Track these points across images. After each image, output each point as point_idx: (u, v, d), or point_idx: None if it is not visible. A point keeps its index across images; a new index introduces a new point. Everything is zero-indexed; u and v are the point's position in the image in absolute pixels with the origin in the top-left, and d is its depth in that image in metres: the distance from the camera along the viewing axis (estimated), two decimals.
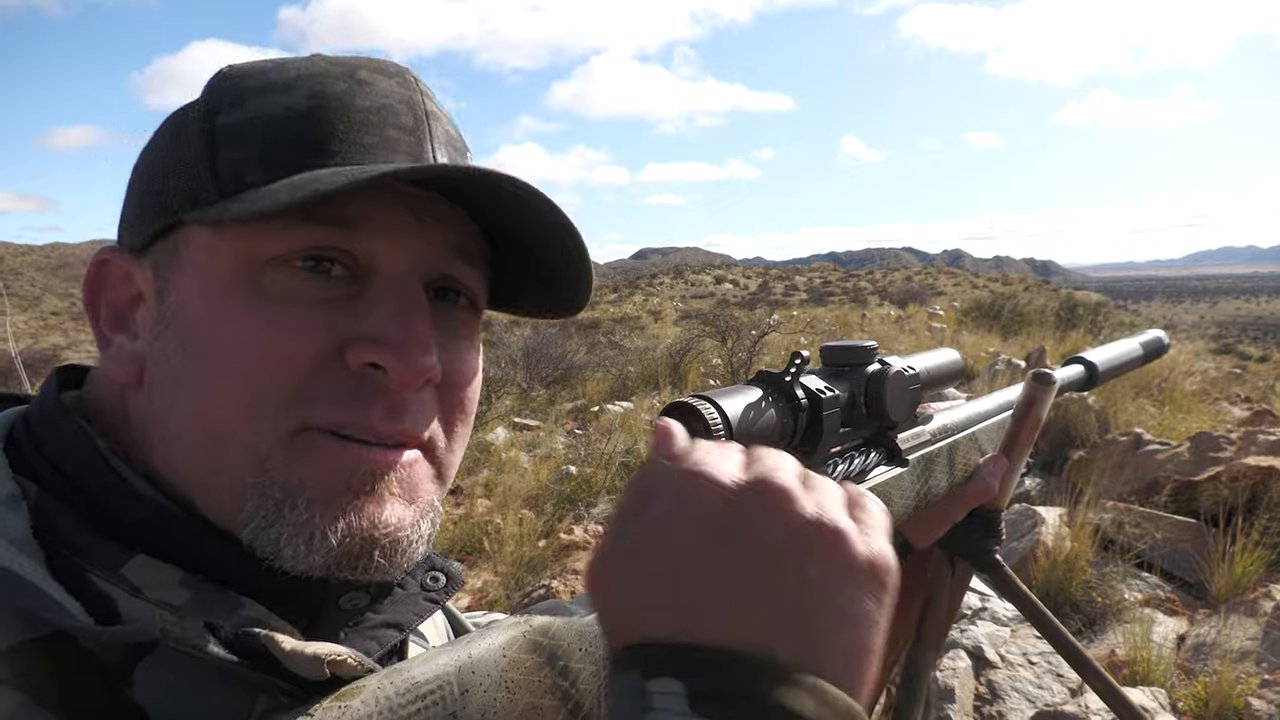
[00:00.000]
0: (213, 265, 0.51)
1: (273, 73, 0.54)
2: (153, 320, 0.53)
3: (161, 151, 0.55)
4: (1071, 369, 1.08)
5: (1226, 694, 2.94)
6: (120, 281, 0.56)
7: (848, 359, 0.75)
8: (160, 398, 0.52)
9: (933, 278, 44.46)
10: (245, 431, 0.50)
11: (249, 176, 0.50)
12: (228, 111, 0.52)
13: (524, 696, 0.49)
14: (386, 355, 0.51)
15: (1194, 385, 7.39)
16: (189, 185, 0.51)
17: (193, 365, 0.50)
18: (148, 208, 0.54)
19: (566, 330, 15.14)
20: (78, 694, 0.43)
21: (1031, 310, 16.17)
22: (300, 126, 0.51)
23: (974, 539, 0.94)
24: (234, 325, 0.50)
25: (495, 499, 6.20)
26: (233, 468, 0.50)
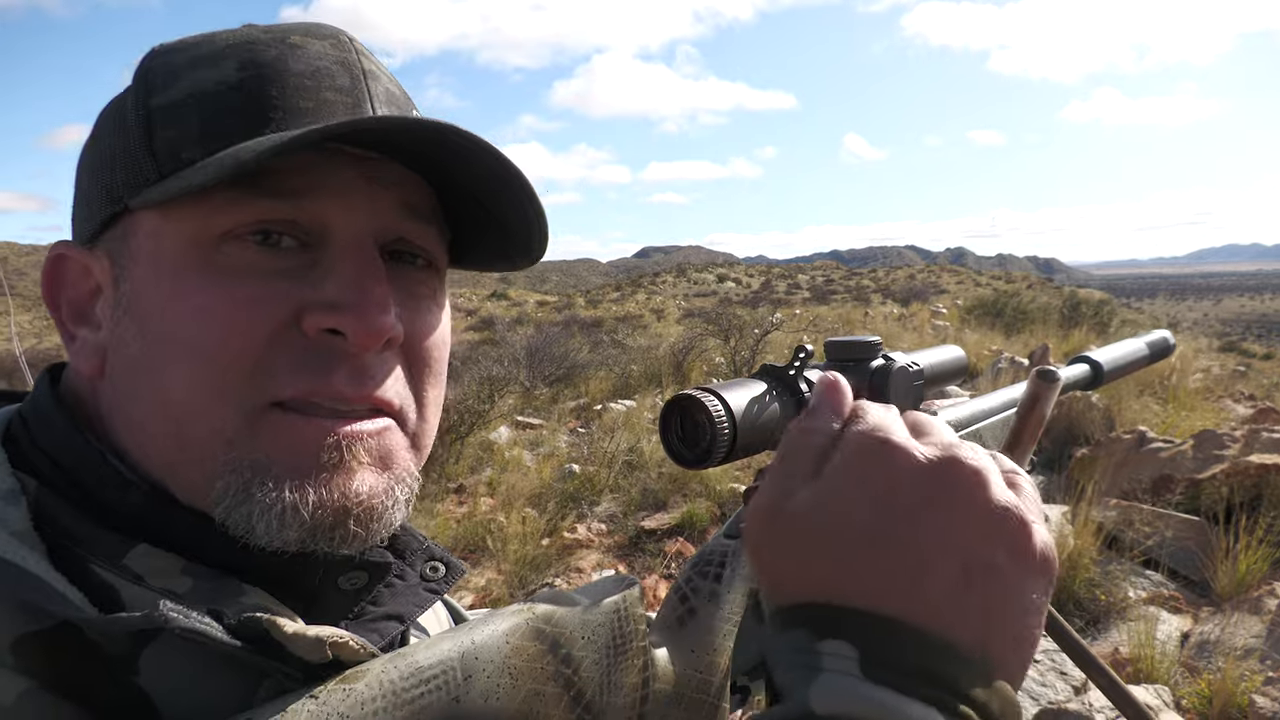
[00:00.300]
0: (162, 248, 0.51)
1: (202, 46, 0.53)
2: (110, 310, 0.53)
3: (104, 141, 0.54)
4: (1076, 368, 1.08)
5: (1230, 692, 2.94)
6: (79, 276, 0.56)
7: (852, 354, 0.75)
8: (122, 385, 0.52)
9: (936, 276, 44.40)
10: (209, 411, 0.49)
11: (185, 154, 0.50)
12: (161, 91, 0.52)
13: (526, 683, 0.49)
14: (343, 319, 0.50)
15: (1198, 383, 7.38)
16: (131, 171, 0.51)
17: (152, 350, 0.50)
18: (95, 199, 0.54)
19: (569, 329, 15.13)
20: (84, 682, 0.43)
21: (1034, 308, 16.15)
22: (233, 98, 0.51)
23: None
24: (188, 305, 0.49)
25: (498, 498, 6.21)
26: (200, 448, 0.50)
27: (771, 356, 10.11)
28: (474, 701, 0.47)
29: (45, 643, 0.43)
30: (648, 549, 5.27)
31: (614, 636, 0.54)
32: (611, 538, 5.53)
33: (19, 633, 0.43)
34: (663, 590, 4.48)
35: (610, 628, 0.54)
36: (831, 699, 0.35)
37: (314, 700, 0.43)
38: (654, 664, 0.56)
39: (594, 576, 4.92)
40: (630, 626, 0.55)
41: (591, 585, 0.57)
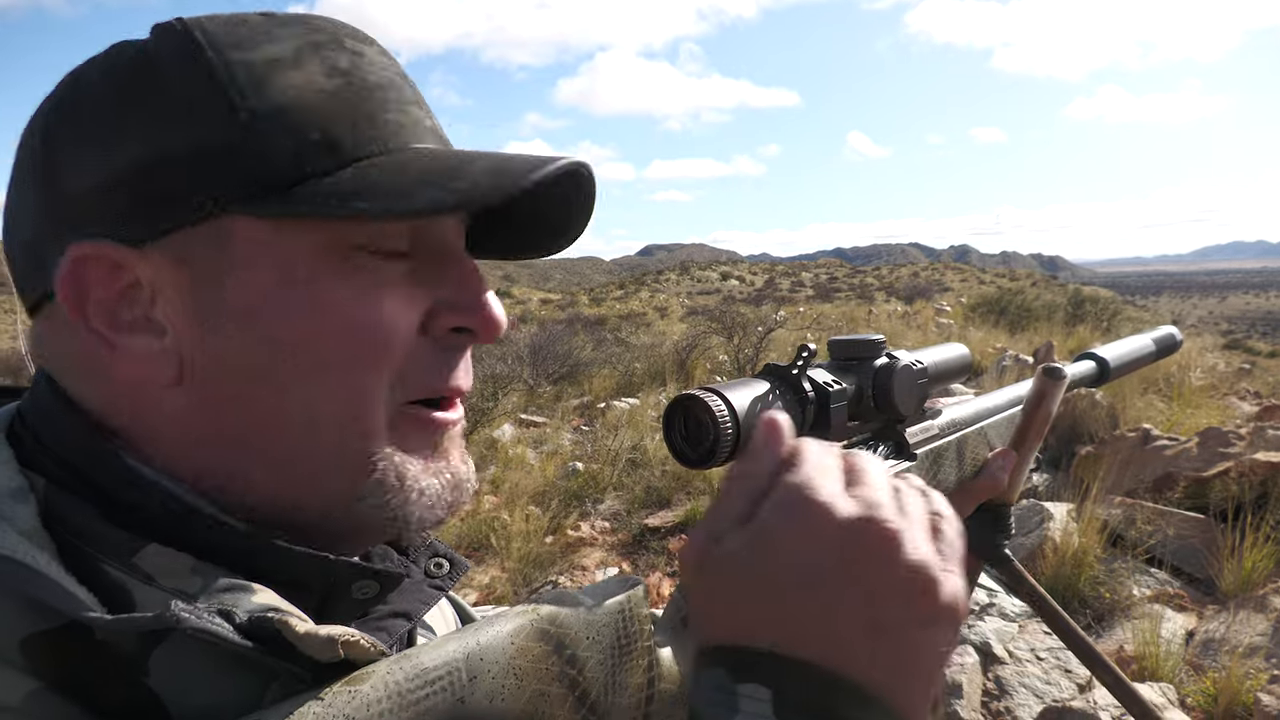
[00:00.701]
0: (294, 257, 0.51)
1: (264, 42, 0.51)
2: (192, 315, 0.51)
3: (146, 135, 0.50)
4: (1082, 365, 1.07)
5: (1235, 690, 2.94)
6: (107, 276, 0.51)
7: (855, 353, 0.75)
8: (229, 394, 0.51)
9: (939, 273, 44.32)
10: (363, 417, 0.52)
11: (312, 165, 0.50)
12: (254, 93, 0.50)
13: (531, 684, 0.49)
14: (473, 318, 0.56)
15: (1203, 380, 7.36)
16: (220, 173, 0.49)
17: (286, 360, 0.50)
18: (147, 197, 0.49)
19: (573, 327, 15.14)
20: (93, 682, 0.43)
21: (1039, 306, 16.11)
22: (341, 110, 0.51)
23: (983, 534, 0.94)
24: (341, 315, 0.51)
25: (502, 495, 6.21)
26: (350, 451, 0.52)
27: (775, 354, 10.10)
28: (479, 702, 0.47)
29: (53, 642, 0.43)
30: (651, 547, 5.27)
31: (619, 637, 0.54)
32: (615, 536, 5.53)
33: (27, 632, 0.43)
34: (666, 588, 4.48)
35: (615, 628, 0.54)
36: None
37: (319, 702, 0.43)
38: (659, 664, 0.56)
39: (597, 574, 4.93)
40: (635, 627, 0.55)
41: (596, 585, 0.57)
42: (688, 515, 5.48)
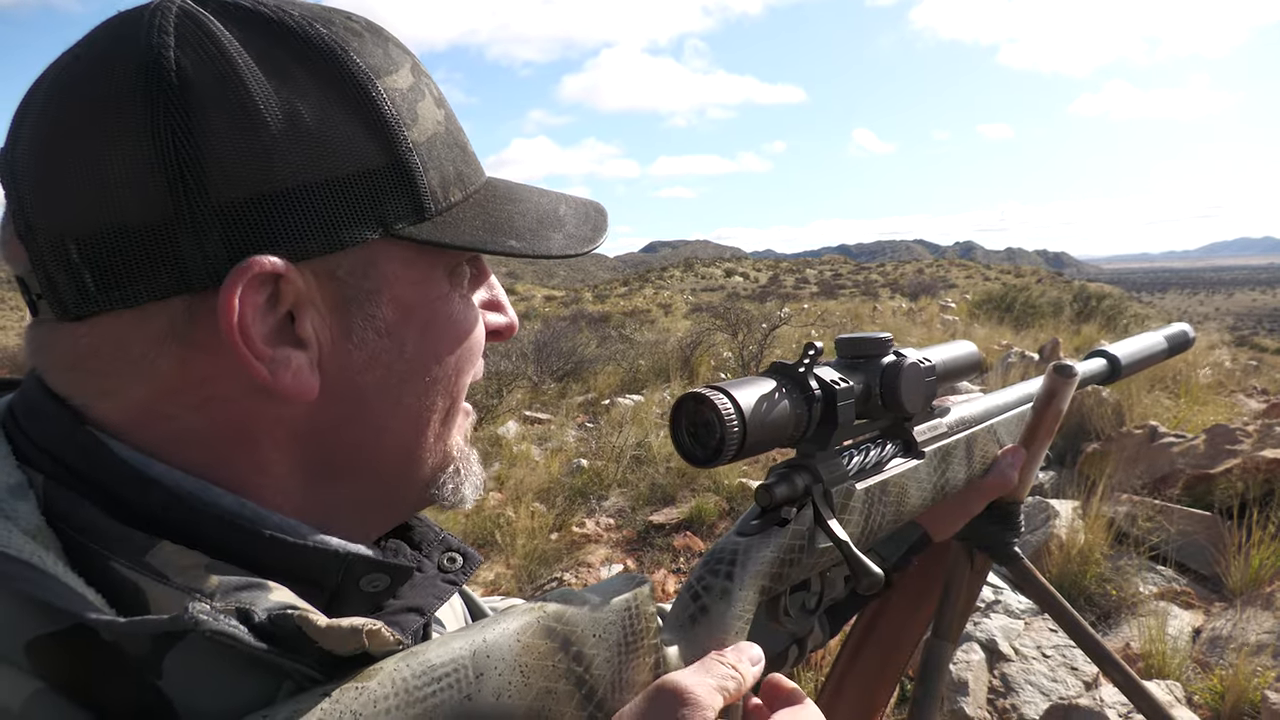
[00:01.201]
0: (432, 276, 0.57)
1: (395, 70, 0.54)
2: (336, 331, 0.52)
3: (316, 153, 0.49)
4: (1093, 362, 1.07)
5: (1243, 687, 2.93)
6: (254, 289, 0.49)
7: (862, 350, 0.75)
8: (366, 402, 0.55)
9: (944, 270, 44.22)
10: (453, 415, 0.61)
11: (452, 196, 0.56)
12: (410, 126, 0.53)
13: (538, 681, 0.49)
14: (503, 322, 0.65)
15: (1210, 377, 7.33)
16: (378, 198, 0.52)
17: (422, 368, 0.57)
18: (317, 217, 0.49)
19: (577, 324, 15.14)
20: (101, 685, 0.42)
21: (1044, 303, 16.06)
22: (452, 141, 0.57)
23: (993, 531, 0.94)
24: (459, 327, 0.59)
25: (507, 492, 6.22)
26: (440, 446, 0.60)
27: (779, 351, 10.09)
28: (486, 699, 0.47)
29: (61, 644, 0.42)
30: (656, 543, 5.27)
31: (625, 634, 0.54)
32: (620, 532, 5.53)
33: (33, 634, 0.42)
34: (671, 585, 4.48)
35: (621, 626, 0.54)
36: None
37: (328, 699, 0.43)
38: (665, 662, 0.56)
39: (602, 571, 4.93)
40: (641, 624, 0.55)
41: (602, 583, 0.57)
42: (692, 512, 5.48)
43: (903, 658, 1.02)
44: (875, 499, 0.73)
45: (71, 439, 0.49)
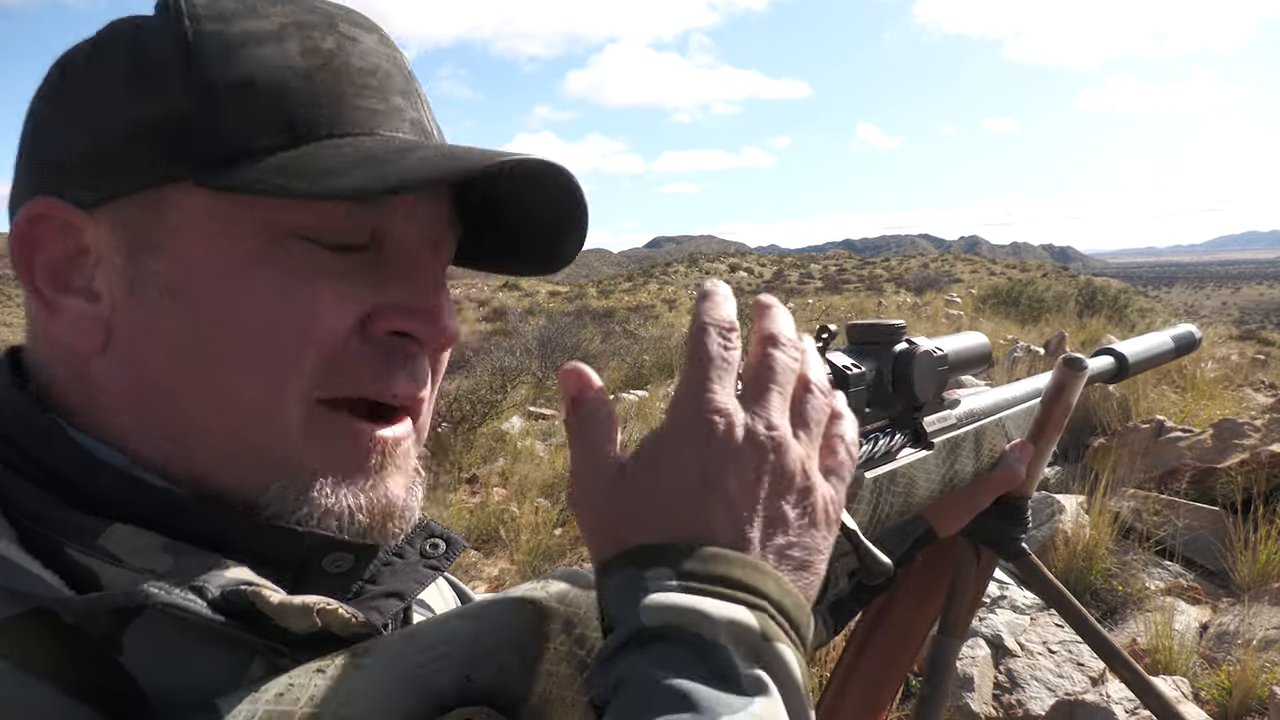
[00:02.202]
0: (230, 234, 0.50)
1: (249, 18, 0.51)
2: (124, 283, 0.50)
3: (115, 101, 0.50)
4: (1101, 360, 1.06)
5: (1250, 683, 2.92)
6: (56, 235, 0.50)
7: (875, 337, 0.74)
8: (151, 369, 0.50)
9: (949, 264, 44.12)
10: (278, 411, 0.50)
11: (263, 141, 0.49)
12: (218, 64, 0.49)
13: (538, 662, 0.49)
14: (417, 323, 0.53)
15: (1216, 372, 7.30)
16: (183, 145, 0.48)
17: (214, 340, 0.49)
18: (102, 162, 0.50)
19: (581, 319, 15.14)
20: (65, 664, 0.42)
21: (1050, 297, 16.00)
22: (306, 88, 0.50)
23: (1000, 527, 0.93)
24: (263, 300, 0.49)
25: (511, 488, 6.22)
26: (262, 447, 0.51)
27: None
28: (486, 679, 0.47)
29: (23, 627, 0.42)
30: None
31: None
32: None
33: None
34: None
35: None
36: (657, 612, 0.42)
37: (321, 675, 0.43)
38: None
39: None
40: None
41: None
42: None
43: (909, 654, 1.01)
44: (884, 488, 0.72)
45: (31, 425, 0.49)
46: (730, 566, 0.44)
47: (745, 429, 0.47)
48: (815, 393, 0.52)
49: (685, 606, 0.42)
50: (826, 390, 0.53)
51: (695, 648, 0.41)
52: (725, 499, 0.46)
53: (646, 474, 0.47)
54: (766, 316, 0.53)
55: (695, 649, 0.41)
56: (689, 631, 0.41)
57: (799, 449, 0.49)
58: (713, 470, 0.46)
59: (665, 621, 0.42)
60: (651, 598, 0.42)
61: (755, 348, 0.52)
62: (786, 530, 0.47)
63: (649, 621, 0.42)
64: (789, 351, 0.51)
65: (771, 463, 0.47)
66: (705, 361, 0.48)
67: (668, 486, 0.46)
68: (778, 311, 0.53)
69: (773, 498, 0.47)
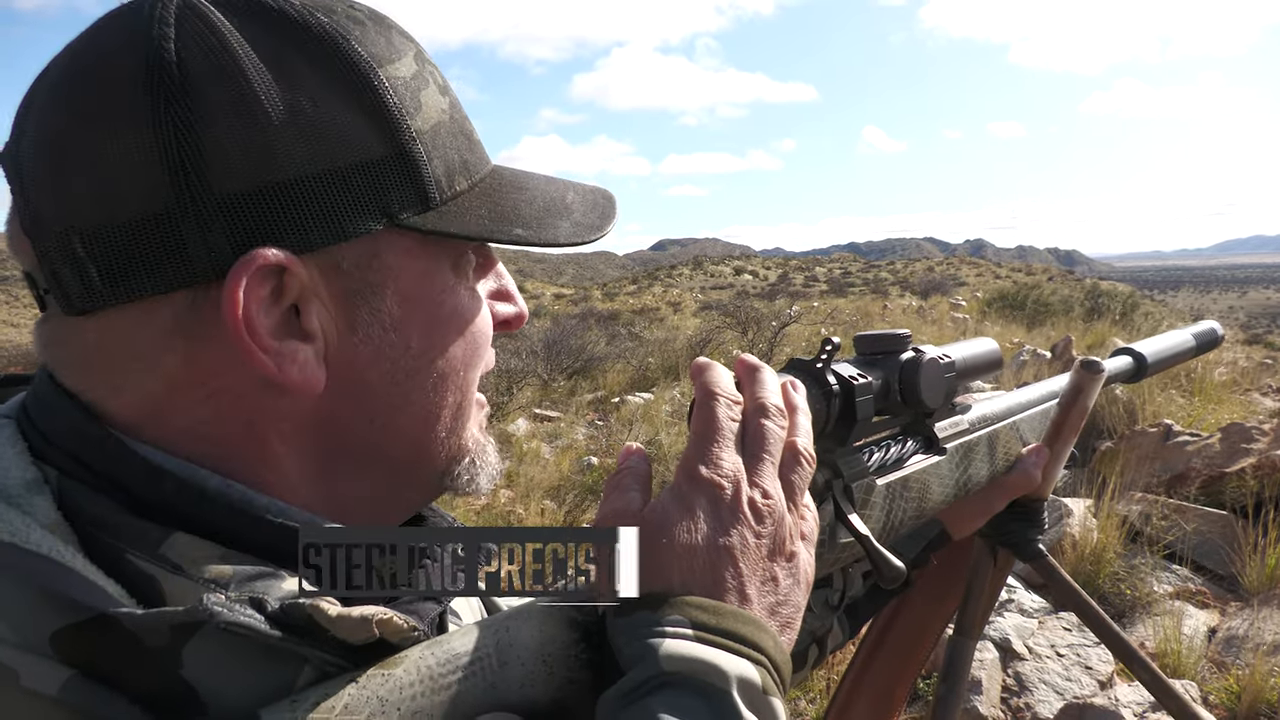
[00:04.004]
0: (435, 270, 0.56)
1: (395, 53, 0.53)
2: (341, 323, 0.52)
3: (329, 147, 0.49)
4: (1119, 360, 1.06)
5: (1259, 687, 2.91)
6: (258, 282, 0.49)
7: (881, 347, 0.75)
8: (360, 399, 0.54)
9: (955, 268, 44.03)
10: (465, 408, 0.60)
11: (457, 185, 0.55)
12: (412, 115, 0.52)
13: (561, 671, 0.49)
14: (513, 313, 0.64)
15: (1223, 376, 7.27)
16: (401, 191, 0.52)
17: (429, 362, 0.56)
18: (319, 207, 0.49)
19: (586, 321, 15.15)
20: (126, 671, 0.43)
21: (1056, 301, 15.96)
22: (458, 130, 0.57)
23: (1016, 529, 0.93)
24: (464, 321, 0.58)
25: (517, 490, 6.23)
26: (454, 439, 0.60)
27: (789, 349, 10.06)
28: (509, 688, 0.48)
29: (84, 635, 0.43)
30: None
31: None
32: None
33: (57, 626, 0.43)
34: None
35: None
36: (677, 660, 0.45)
37: (355, 685, 0.44)
38: None
39: None
40: None
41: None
42: None
43: (923, 654, 1.02)
44: (897, 494, 0.73)
45: (85, 434, 0.49)
46: (738, 623, 0.49)
47: (749, 497, 0.53)
48: (802, 463, 0.57)
49: (701, 659, 0.46)
50: (811, 459, 0.58)
51: (706, 697, 0.45)
52: (731, 558, 0.51)
53: (661, 525, 0.51)
54: (756, 382, 0.58)
55: (706, 699, 0.45)
56: (702, 681, 0.45)
57: (790, 517, 0.55)
58: (723, 529, 0.51)
59: (680, 670, 0.45)
60: (670, 645, 0.46)
61: (749, 417, 0.57)
62: (777, 590, 0.53)
63: (667, 667, 0.45)
64: (778, 420, 0.57)
65: (769, 528, 0.53)
66: (715, 429, 0.54)
67: (684, 539, 0.51)
68: (766, 376, 0.59)
69: (769, 560, 0.53)
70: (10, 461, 0.48)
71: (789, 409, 0.59)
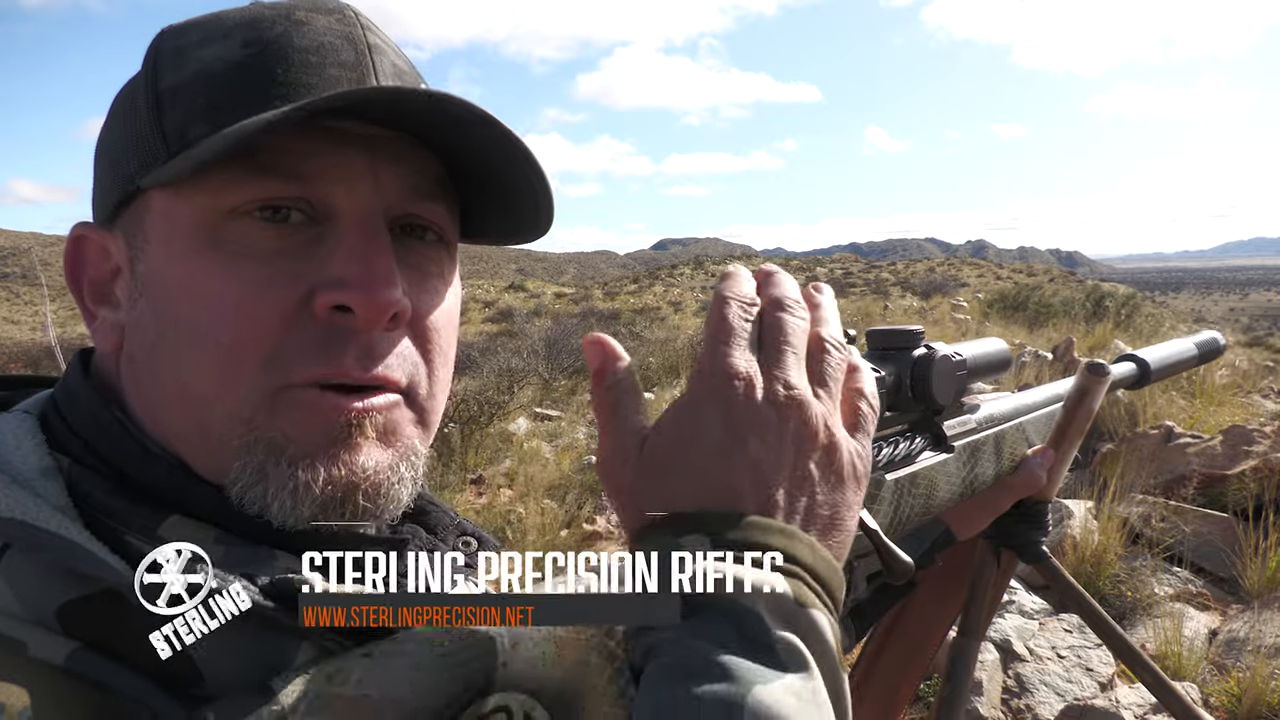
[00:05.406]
0: (173, 227, 0.52)
1: (209, 25, 0.54)
2: (128, 290, 0.55)
3: (118, 126, 0.56)
4: (1123, 366, 1.06)
5: (1260, 690, 2.91)
6: (99, 256, 0.57)
7: (894, 342, 0.75)
8: (140, 365, 0.54)
9: (956, 269, 44.03)
10: (227, 396, 0.50)
11: (192, 132, 0.51)
12: (169, 73, 0.53)
13: (571, 652, 0.50)
14: (350, 295, 0.50)
15: (1225, 378, 7.27)
16: (143, 153, 0.53)
17: (166, 333, 0.51)
18: (110, 182, 0.56)
19: (587, 321, 15.15)
20: (130, 644, 0.44)
21: (1057, 302, 15.95)
22: (238, 75, 0.51)
23: (1020, 530, 0.93)
24: (201, 288, 0.50)
25: (518, 489, 6.23)
26: (218, 430, 0.50)
27: None
28: (520, 667, 0.49)
29: (89, 608, 0.45)
30: None
31: None
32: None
33: (63, 600, 0.45)
34: None
35: None
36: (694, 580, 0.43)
37: (368, 658, 0.45)
38: None
39: None
40: None
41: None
42: None
43: (927, 655, 1.02)
44: (904, 491, 0.73)
45: (98, 420, 0.53)
46: (765, 534, 0.45)
47: (765, 391, 0.48)
48: (830, 350, 0.52)
49: (722, 576, 0.42)
50: (841, 346, 0.53)
51: (731, 616, 0.42)
52: (750, 462, 0.46)
53: (671, 442, 0.48)
54: (771, 283, 0.53)
55: (731, 617, 0.42)
56: (725, 599, 0.42)
57: (820, 407, 0.49)
58: (736, 434, 0.46)
59: (701, 590, 0.42)
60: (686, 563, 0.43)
61: (764, 312, 0.51)
62: (814, 490, 0.48)
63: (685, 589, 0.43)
64: (796, 311, 0.52)
65: (794, 422, 0.48)
66: (725, 330, 0.49)
67: (694, 453, 0.47)
68: (781, 277, 0.54)
69: (798, 458, 0.47)
70: (29, 450, 0.51)
71: (812, 304, 0.54)
